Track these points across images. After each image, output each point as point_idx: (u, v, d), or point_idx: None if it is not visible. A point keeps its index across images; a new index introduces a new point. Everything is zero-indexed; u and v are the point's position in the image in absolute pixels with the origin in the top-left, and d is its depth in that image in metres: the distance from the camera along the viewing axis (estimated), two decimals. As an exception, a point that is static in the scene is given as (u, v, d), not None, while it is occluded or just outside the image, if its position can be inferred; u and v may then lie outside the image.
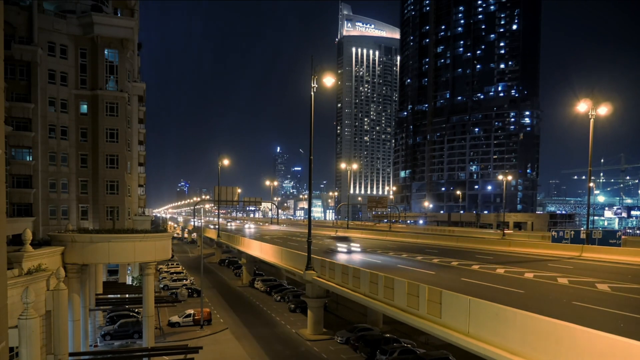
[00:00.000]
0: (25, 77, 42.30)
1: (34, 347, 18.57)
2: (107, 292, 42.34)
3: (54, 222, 43.66)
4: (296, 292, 56.28)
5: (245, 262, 70.75)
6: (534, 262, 37.05)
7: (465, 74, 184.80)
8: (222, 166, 76.31)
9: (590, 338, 12.95)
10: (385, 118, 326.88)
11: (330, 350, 37.07)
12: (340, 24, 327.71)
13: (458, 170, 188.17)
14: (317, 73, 33.88)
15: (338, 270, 31.01)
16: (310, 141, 34.06)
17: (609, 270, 31.82)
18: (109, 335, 37.70)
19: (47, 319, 21.91)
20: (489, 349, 16.25)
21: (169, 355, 30.61)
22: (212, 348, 37.04)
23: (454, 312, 18.77)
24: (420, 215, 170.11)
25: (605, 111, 40.35)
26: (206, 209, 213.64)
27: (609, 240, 44.83)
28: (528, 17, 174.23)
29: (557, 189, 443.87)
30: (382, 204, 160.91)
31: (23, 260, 21.24)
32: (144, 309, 31.36)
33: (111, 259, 30.43)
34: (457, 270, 32.74)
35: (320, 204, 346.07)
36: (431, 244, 58.57)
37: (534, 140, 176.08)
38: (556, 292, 23.48)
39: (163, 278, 65.93)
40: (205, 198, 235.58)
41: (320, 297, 40.91)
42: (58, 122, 44.35)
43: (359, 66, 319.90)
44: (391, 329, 41.08)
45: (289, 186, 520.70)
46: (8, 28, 39.95)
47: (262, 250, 52.00)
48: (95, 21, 45.11)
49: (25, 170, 42.29)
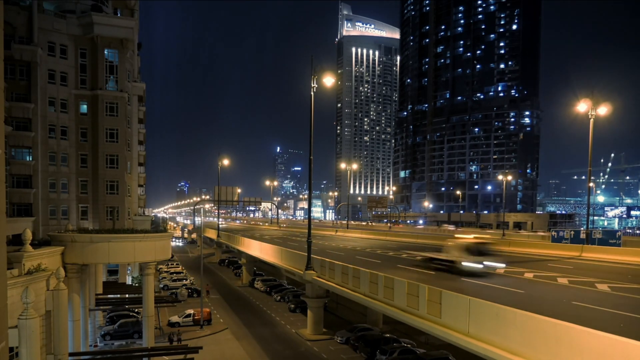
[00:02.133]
0: (25, 77, 42.30)
1: (34, 347, 18.56)
2: (107, 292, 42.34)
3: (54, 222, 43.66)
4: (296, 292, 56.29)
5: (245, 262, 70.77)
6: (533, 262, 37.04)
7: (465, 74, 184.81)
8: (222, 166, 76.32)
9: (590, 338, 12.95)
10: (385, 118, 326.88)
11: (330, 350, 37.08)
12: (340, 24, 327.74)
13: (458, 170, 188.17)
14: (317, 73, 33.86)
15: (338, 270, 30.99)
16: (310, 141, 34.05)
17: (608, 270, 31.79)
18: (108, 335, 37.69)
19: (47, 319, 21.90)
20: (489, 349, 16.25)
21: (169, 355, 30.62)
22: (212, 348, 37.05)
23: (454, 312, 18.76)
24: (420, 215, 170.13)
25: (605, 111, 40.32)
26: (206, 209, 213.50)
27: (609, 240, 44.87)
28: (528, 17, 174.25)
29: (557, 189, 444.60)
30: (382, 204, 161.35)
31: (23, 260, 21.24)
32: (144, 309, 31.38)
33: (111, 259, 30.45)
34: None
35: (320, 204, 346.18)
36: (431, 244, 58.42)
37: (533, 140, 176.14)
38: (556, 292, 23.46)
39: (163, 278, 65.94)
40: (205, 198, 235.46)
41: (320, 297, 40.92)
42: (58, 122, 44.34)
43: (359, 66, 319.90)
44: (391, 329, 41.08)
45: (288, 186, 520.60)
46: (8, 28, 39.96)
47: (262, 250, 51.98)
48: (95, 21, 45.11)
49: (25, 170, 42.28)
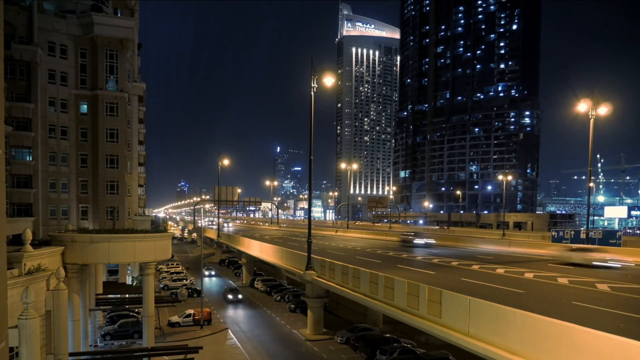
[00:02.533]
0: (25, 77, 42.32)
1: (34, 347, 18.55)
2: (107, 292, 42.31)
3: (54, 222, 43.68)
4: (296, 292, 56.26)
5: (245, 262, 70.75)
6: (534, 262, 37.04)
7: (465, 74, 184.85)
8: (222, 166, 76.34)
9: (590, 338, 12.95)
10: (385, 118, 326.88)
11: (330, 350, 37.06)
12: (340, 24, 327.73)
13: (458, 170, 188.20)
14: (317, 73, 33.83)
15: (338, 270, 30.99)
16: (310, 141, 34.05)
17: (608, 270, 31.80)
18: (109, 335, 37.66)
19: (47, 319, 21.88)
20: (489, 348, 16.25)
21: (169, 355, 30.60)
22: (212, 348, 37.03)
23: (454, 312, 18.76)
24: (420, 215, 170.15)
25: (605, 111, 40.32)
26: (206, 209, 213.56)
27: (609, 240, 44.85)
28: (528, 17, 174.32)
29: (557, 189, 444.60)
30: (382, 204, 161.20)
31: (23, 260, 21.23)
32: (144, 309, 31.35)
33: (111, 259, 30.42)
34: (457, 270, 32.71)
35: (320, 204, 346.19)
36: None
37: (533, 140, 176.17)
38: (556, 292, 23.47)
39: (163, 278, 65.90)
40: (205, 198, 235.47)
41: (320, 297, 40.90)
42: (58, 122, 44.36)
43: (359, 66, 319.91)
44: (391, 329, 41.06)
45: (289, 186, 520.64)
46: (8, 28, 39.98)
47: (262, 250, 51.99)
48: (95, 21, 45.13)
49: (25, 170, 42.30)
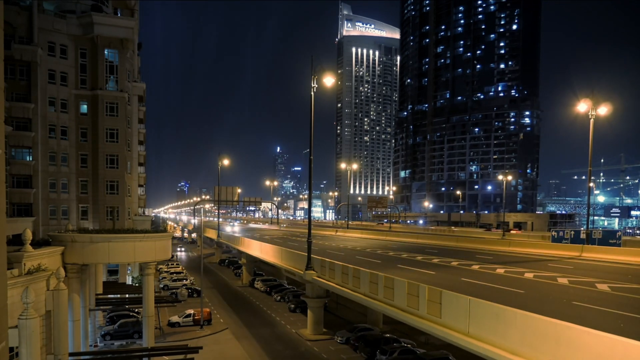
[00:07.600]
0: (25, 77, 42.31)
1: (34, 347, 18.55)
2: (107, 292, 42.31)
3: (54, 222, 43.67)
4: (296, 292, 56.27)
5: (245, 262, 70.74)
6: (534, 262, 37.03)
7: (465, 74, 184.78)
8: (222, 166, 76.20)
9: (590, 338, 12.93)
10: (385, 118, 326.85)
11: (330, 350, 37.07)
12: (340, 24, 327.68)
13: (458, 170, 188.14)
14: (317, 73, 33.79)
15: (338, 270, 30.98)
16: (310, 141, 34.03)
17: (609, 270, 31.79)
18: (109, 335, 37.68)
19: (47, 319, 21.89)
20: (489, 348, 16.24)
21: (169, 355, 30.60)
22: (212, 348, 37.05)
23: (454, 312, 18.75)
24: (420, 215, 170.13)
25: (605, 111, 40.32)
26: (206, 209, 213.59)
27: (609, 240, 44.83)
28: (528, 17, 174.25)
29: (557, 189, 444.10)
30: (382, 204, 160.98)
31: (23, 260, 21.24)
32: (144, 309, 31.36)
33: (111, 259, 30.45)
34: (457, 270, 32.70)
35: (320, 204, 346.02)
36: (431, 244, 58.52)
37: (534, 140, 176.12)
38: (556, 292, 23.45)
39: (163, 278, 65.92)
40: (205, 198, 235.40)
41: (320, 297, 40.90)
42: (58, 122, 44.35)
43: (359, 66, 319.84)
44: (391, 329, 41.07)
45: (289, 186, 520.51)
46: (8, 28, 39.95)
47: (262, 250, 51.97)
48: (95, 21, 45.12)
49: (25, 170, 42.29)
